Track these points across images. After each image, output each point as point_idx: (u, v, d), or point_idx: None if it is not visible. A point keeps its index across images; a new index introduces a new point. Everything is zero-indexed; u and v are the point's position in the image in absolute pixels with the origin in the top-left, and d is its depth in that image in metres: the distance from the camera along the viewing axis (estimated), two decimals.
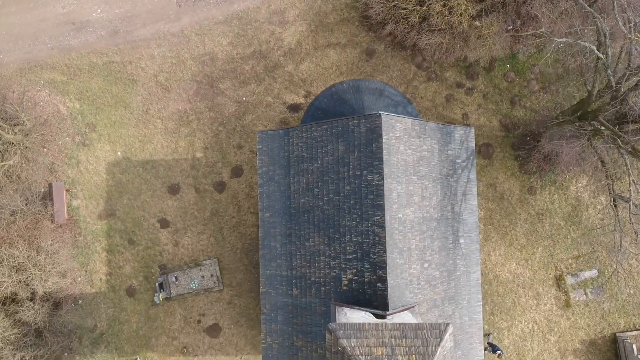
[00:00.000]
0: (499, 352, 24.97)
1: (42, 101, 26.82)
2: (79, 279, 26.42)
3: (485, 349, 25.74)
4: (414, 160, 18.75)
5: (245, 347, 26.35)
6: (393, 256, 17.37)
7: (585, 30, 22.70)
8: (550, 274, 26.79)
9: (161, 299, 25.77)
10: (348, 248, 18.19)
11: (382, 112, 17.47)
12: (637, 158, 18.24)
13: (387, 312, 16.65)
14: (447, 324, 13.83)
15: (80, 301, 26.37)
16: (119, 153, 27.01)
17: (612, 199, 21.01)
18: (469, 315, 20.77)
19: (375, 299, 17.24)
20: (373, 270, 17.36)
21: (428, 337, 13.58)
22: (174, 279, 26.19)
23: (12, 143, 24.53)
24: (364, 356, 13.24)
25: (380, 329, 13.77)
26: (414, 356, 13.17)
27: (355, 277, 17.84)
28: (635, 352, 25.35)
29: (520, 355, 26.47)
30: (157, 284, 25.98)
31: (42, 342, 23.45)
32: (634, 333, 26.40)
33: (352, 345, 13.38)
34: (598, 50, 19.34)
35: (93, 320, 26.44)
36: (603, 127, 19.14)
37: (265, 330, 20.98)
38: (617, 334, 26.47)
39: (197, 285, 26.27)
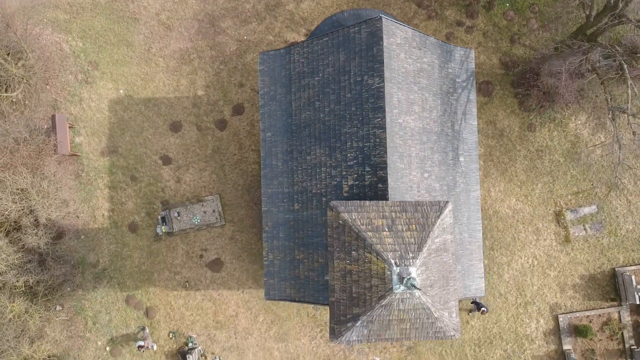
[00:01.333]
0: (483, 309, 25.07)
1: (45, 39, 26.99)
2: (82, 215, 26.59)
3: (470, 311, 25.96)
4: (414, 71, 18.92)
5: (247, 281, 26.52)
6: (393, 159, 17.53)
7: None
8: (549, 209, 26.95)
9: (163, 231, 25.94)
10: (349, 155, 18.36)
11: (382, 15, 17.65)
12: (635, 61, 18.39)
13: None
14: (447, 202, 14.01)
15: (82, 237, 26.54)
16: (121, 91, 27.19)
17: (610, 112, 21.15)
18: (469, 232, 20.94)
19: (375, 199, 17.37)
20: (374, 172, 17.52)
21: (428, 211, 13.76)
22: (176, 214, 26.37)
23: (16, 76, 24.71)
24: (364, 226, 13.40)
25: (380, 206, 13.93)
26: (413, 226, 13.33)
27: (356, 182, 17.99)
28: (634, 283, 25.51)
29: (520, 290, 26.63)
30: (159, 217, 26.15)
31: (46, 269, 23.63)
32: (632, 268, 26.56)
33: (353, 217, 13.55)
34: None
35: (95, 256, 26.61)
36: (600, 40, 19.27)
37: (267, 248, 21.15)
38: (616, 269, 26.63)
39: (199, 220, 26.44)
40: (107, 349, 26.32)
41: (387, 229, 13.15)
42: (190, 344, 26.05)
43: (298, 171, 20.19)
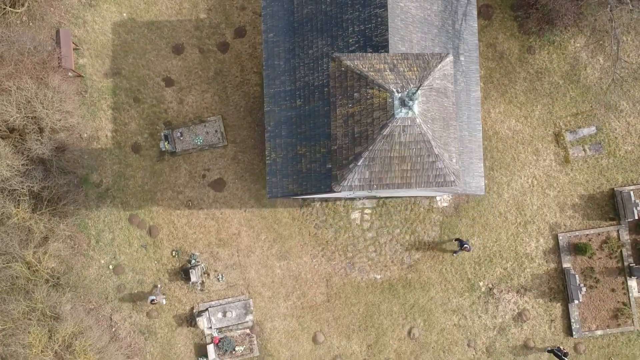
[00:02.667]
0: (465, 246, 25.27)
1: None
2: (85, 135, 26.83)
3: (454, 252, 26.19)
4: None
5: (249, 200, 26.76)
6: (395, 40, 17.76)
7: None
8: (549, 130, 27.20)
9: (167, 147, 26.16)
10: (350, 40, 18.59)
11: None
12: None
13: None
14: (448, 53, 14.23)
15: (86, 156, 26.77)
16: (124, 14, 27.42)
17: (609, 7, 21.38)
18: (469, 131, 21.19)
19: None
20: (375, 52, 17.74)
21: (429, 59, 13.99)
22: (179, 134, 26.60)
23: None
24: (367, 70, 13.63)
25: (382, 55, 14.17)
26: (415, 68, 13.57)
27: None
28: (633, 199, 25.75)
29: (520, 209, 26.88)
30: (162, 134, 26.37)
31: (50, 177, 23.86)
32: (631, 187, 26.79)
33: (356, 63, 13.78)
34: None
35: (99, 176, 26.84)
36: None
37: (269, 147, 21.40)
38: (615, 189, 26.87)
39: (201, 141, 26.67)
40: (110, 267, 26.55)
41: (388, 70, 13.38)
42: (193, 262, 26.29)
43: (300, 67, 20.43)
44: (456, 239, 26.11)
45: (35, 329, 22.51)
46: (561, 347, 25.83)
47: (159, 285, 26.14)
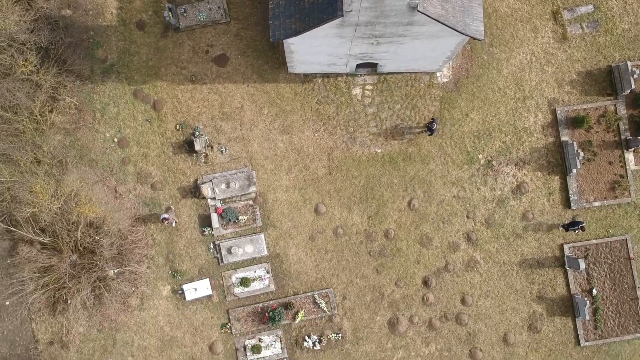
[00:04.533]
0: (434, 126, 25.85)
1: None
2: (90, 13, 27.19)
3: (428, 131, 26.55)
4: None
5: (252, 75, 27.13)
6: None
7: None
8: (547, 8, 27.58)
9: (170, 17, 26.51)
10: None
11: None
12: None
13: None
14: None
15: (92, 32, 27.14)
16: None
17: None
18: None
19: None
20: None
21: None
22: (182, 10, 26.97)
23: None
24: None
25: None
26: None
27: None
28: (630, 68, 26.16)
29: (518, 84, 27.27)
30: (167, 7, 26.72)
31: (57, 34, 24.27)
32: (628, 63, 27.15)
33: None
34: None
35: (104, 52, 27.21)
36: None
37: None
38: (612, 65, 27.25)
39: (204, 17, 27.04)
40: (115, 140, 26.94)
41: None
42: (196, 134, 26.66)
43: None
44: (431, 119, 26.33)
45: (42, 179, 22.95)
46: (575, 219, 26.06)
47: (172, 207, 26.36)
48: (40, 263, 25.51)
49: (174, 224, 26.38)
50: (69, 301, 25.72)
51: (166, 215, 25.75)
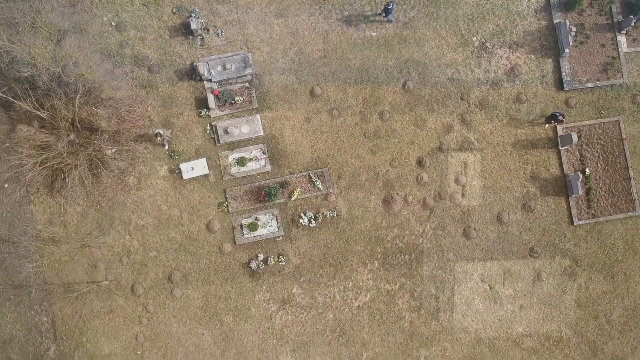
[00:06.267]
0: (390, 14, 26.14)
1: None
2: None
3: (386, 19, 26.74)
4: None
5: None
6: None
7: None
8: None
9: None
10: None
11: None
12: None
13: None
14: None
15: None
16: None
17: None
18: None
19: None
20: None
21: None
22: None
23: None
24: None
25: None
26: None
27: None
28: None
29: None
30: None
31: None
32: None
33: None
34: None
35: None
36: None
37: None
38: None
39: None
40: (113, 24, 27.19)
41: None
42: (193, 17, 26.90)
43: None
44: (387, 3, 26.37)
45: (40, 42, 23.22)
46: (556, 113, 26.32)
47: (170, 131, 26.59)
48: (39, 141, 25.82)
49: (166, 144, 26.39)
50: (66, 179, 26.02)
51: (160, 131, 25.80)
